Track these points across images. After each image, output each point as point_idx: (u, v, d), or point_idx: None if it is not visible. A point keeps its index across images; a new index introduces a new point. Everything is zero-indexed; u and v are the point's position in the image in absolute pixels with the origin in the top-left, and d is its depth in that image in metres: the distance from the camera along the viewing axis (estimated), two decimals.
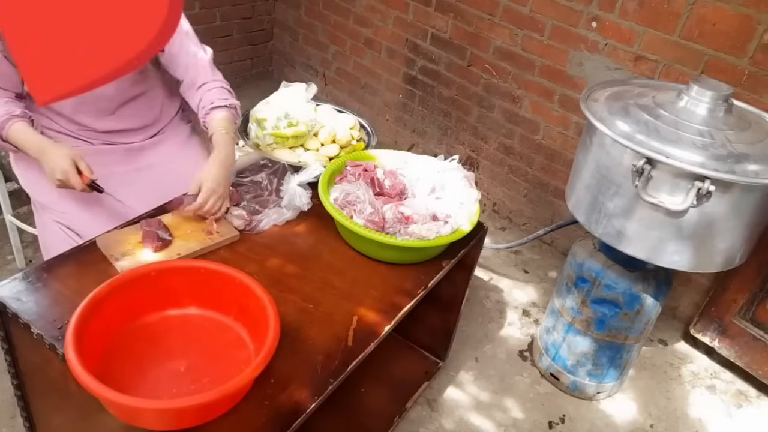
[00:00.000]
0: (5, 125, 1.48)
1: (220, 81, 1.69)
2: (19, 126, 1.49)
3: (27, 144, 1.49)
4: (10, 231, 2.14)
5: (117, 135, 1.72)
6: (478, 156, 2.95)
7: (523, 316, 2.39)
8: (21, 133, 1.49)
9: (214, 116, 1.60)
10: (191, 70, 1.67)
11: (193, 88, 1.68)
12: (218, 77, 1.70)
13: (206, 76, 1.67)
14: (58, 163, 1.43)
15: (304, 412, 1.08)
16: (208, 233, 1.43)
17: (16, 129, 1.48)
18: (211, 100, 1.63)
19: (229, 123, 1.60)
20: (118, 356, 1.10)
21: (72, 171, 1.43)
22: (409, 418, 1.88)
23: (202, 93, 1.66)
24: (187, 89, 1.71)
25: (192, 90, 1.69)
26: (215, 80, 1.68)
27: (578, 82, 2.44)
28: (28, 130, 1.50)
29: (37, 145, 1.48)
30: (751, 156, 1.48)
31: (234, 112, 1.66)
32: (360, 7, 3.15)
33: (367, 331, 1.28)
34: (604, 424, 2.00)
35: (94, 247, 1.35)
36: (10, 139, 1.49)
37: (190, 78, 1.68)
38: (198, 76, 1.67)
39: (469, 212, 1.52)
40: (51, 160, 1.44)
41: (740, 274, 2.12)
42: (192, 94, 1.69)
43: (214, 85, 1.67)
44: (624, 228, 1.62)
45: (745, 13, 1.95)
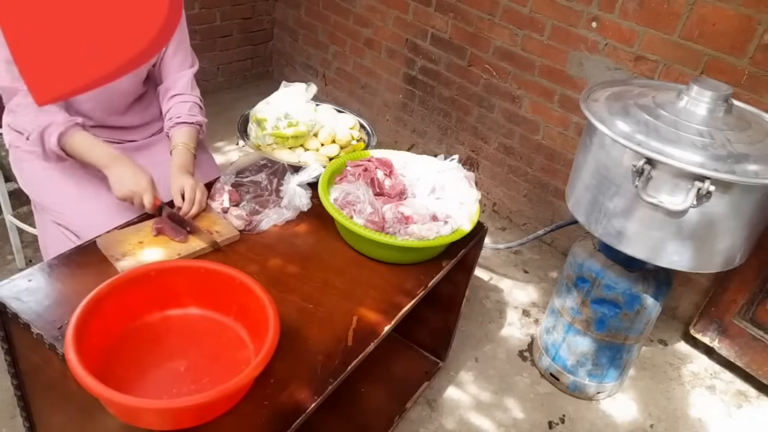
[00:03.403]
0: (67, 132, 1.48)
1: (194, 97, 1.72)
2: (83, 134, 1.50)
3: (95, 152, 1.50)
4: (10, 231, 2.14)
5: (122, 132, 1.72)
6: (478, 156, 2.95)
7: (523, 316, 2.39)
8: (86, 140, 1.50)
9: (179, 130, 1.65)
10: (171, 78, 1.71)
11: (166, 95, 1.72)
12: (195, 93, 1.74)
13: (183, 89, 1.71)
14: (139, 178, 1.45)
15: (304, 412, 1.08)
16: (208, 233, 1.43)
17: (82, 137, 1.50)
18: (179, 114, 1.67)
19: (191, 139, 1.66)
20: (118, 356, 1.10)
21: (150, 190, 1.46)
22: (409, 418, 1.88)
23: (173, 103, 1.69)
24: (162, 94, 1.74)
25: (165, 96, 1.72)
26: (191, 95, 1.71)
27: (578, 82, 2.44)
28: (91, 138, 1.52)
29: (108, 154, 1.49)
30: (751, 156, 1.48)
31: (199, 128, 1.70)
32: (360, 7, 3.15)
33: (367, 331, 1.28)
34: (604, 424, 2.00)
35: (94, 247, 1.35)
36: (67, 147, 1.50)
37: (167, 84, 1.72)
38: (175, 86, 1.71)
39: (469, 212, 1.51)
40: (129, 173, 1.46)
41: (740, 274, 2.12)
42: (164, 100, 1.72)
43: (188, 99, 1.70)
44: (624, 228, 1.62)
45: (745, 13, 1.95)
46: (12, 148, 1.72)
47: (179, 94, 1.70)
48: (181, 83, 1.71)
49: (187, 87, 1.72)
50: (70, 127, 1.49)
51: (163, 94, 1.73)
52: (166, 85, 1.72)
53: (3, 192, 2.07)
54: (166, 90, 1.72)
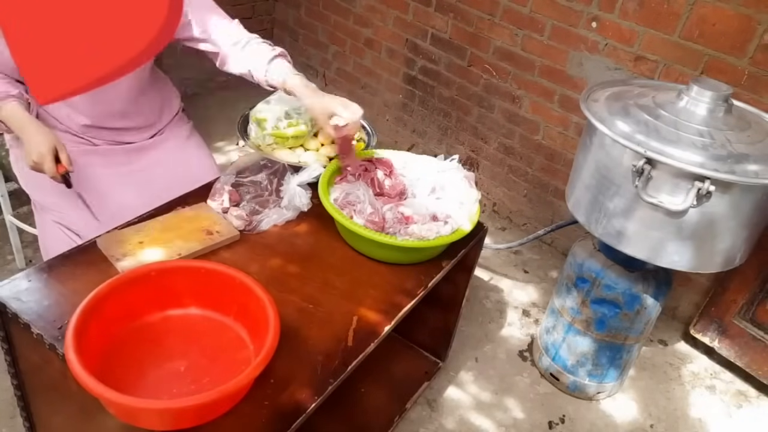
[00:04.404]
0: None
1: (257, 37, 1.66)
2: (13, 105, 1.48)
3: (13, 120, 1.48)
4: (10, 231, 2.14)
5: (121, 133, 1.72)
6: (478, 156, 2.95)
7: (523, 316, 2.39)
8: (12, 112, 1.48)
9: (275, 67, 1.59)
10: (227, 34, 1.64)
11: (236, 48, 1.63)
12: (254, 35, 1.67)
13: (247, 35, 1.64)
14: (38, 145, 1.43)
15: (304, 412, 1.08)
16: (207, 233, 1.43)
17: (10, 108, 1.48)
18: (262, 54, 1.60)
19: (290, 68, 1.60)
20: (118, 356, 1.10)
21: (49, 156, 1.43)
22: (409, 418, 1.88)
23: (248, 54, 1.62)
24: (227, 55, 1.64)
25: (235, 51, 1.63)
26: (254, 37, 1.65)
27: (578, 82, 2.44)
28: (19, 109, 1.49)
29: (23, 122, 1.47)
30: (751, 156, 1.48)
31: (287, 57, 1.65)
32: (360, 7, 3.15)
33: (367, 331, 1.28)
34: (604, 424, 2.00)
35: (94, 247, 1.35)
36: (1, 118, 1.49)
37: (231, 41, 1.63)
38: (239, 37, 1.63)
39: (469, 212, 1.51)
40: (32, 140, 1.44)
41: (740, 274, 2.12)
42: (236, 56, 1.63)
43: (256, 42, 1.64)
44: (624, 228, 1.62)
45: (745, 13, 1.95)
46: (12, 148, 1.72)
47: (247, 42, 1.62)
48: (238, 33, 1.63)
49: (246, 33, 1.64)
50: (3, 98, 1.47)
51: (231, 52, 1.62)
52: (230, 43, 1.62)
53: (3, 192, 2.07)
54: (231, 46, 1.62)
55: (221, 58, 1.66)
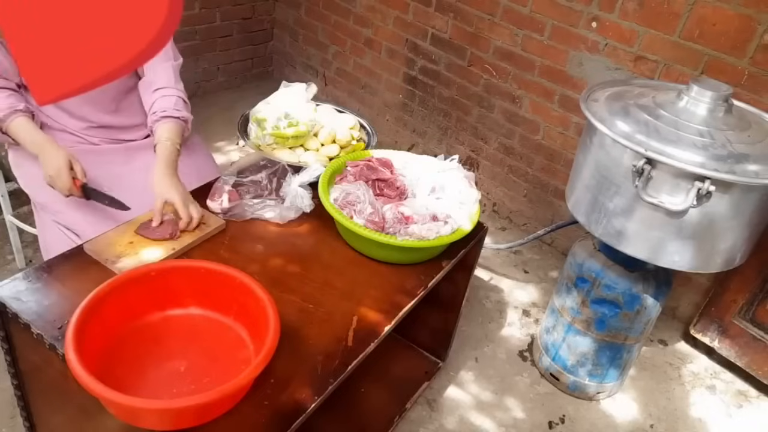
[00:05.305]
0: (7, 119, 1.49)
1: (179, 90, 1.67)
2: (21, 120, 1.50)
3: (28, 140, 1.50)
4: (10, 231, 2.14)
5: (118, 131, 1.72)
6: (478, 156, 2.95)
7: (523, 316, 2.39)
8: (22, 127, 1.50)
9: (164, 125, 1.58)
10: (153, 70, 1.65)
11: (150, 88, 1.65)
12: (179, 87, 1.68)
13: (167, 82, 1.65)
14: (54, 159, 1.45)
15: (304, 412, 1.08)
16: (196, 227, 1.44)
17: (18, 123, 1.50)
18: (164, 108, 1.60)
19: (177, 135, 1.58)
20: (118, 356, 1.10)
21: (65, 170, 1.45)
22: (409, 418, 1.88)
23: (157, 97, 1.63)
24: (144, 87, 1.67)
25: (148, 90, 1.66)
26: (175, 89, 1.66)
27: (578, 82, 2.44)
28: (29, 125, 1.51)
29: (37, 141, 1.49)
30: (751, 156, 1.48)
31: (184, 125, 1.63)
32: (360, 7, 3.15)
33: (367, 331, 1.28)
34: (604, 425, 2.00)
35: None
36: (10, 133, 1.51)
37: (150, 78, 1.66)
38: (158, 79, 1.65)
39: (469, 212, 1.51)
40: (47, 156, 1.46)
41: (740, 274, 2.12)
42: (147, 94, 1.66)
43: (172, 93, 1.64)
44: (624, 228, 1.62)
45: (745, 14, 1.95)
46: (12, 148, 1.72)
47: (163, 87, 1.64)
48: (165, 76, 1.64)
49: (171, 80, 1.65)
50: (10, 114, 1.48)
51: (146, 87, 1.66)
52: (149, 79, 1.65)
53: (3, 192, 2.07)
54: (149, 83, 1.65)
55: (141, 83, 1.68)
